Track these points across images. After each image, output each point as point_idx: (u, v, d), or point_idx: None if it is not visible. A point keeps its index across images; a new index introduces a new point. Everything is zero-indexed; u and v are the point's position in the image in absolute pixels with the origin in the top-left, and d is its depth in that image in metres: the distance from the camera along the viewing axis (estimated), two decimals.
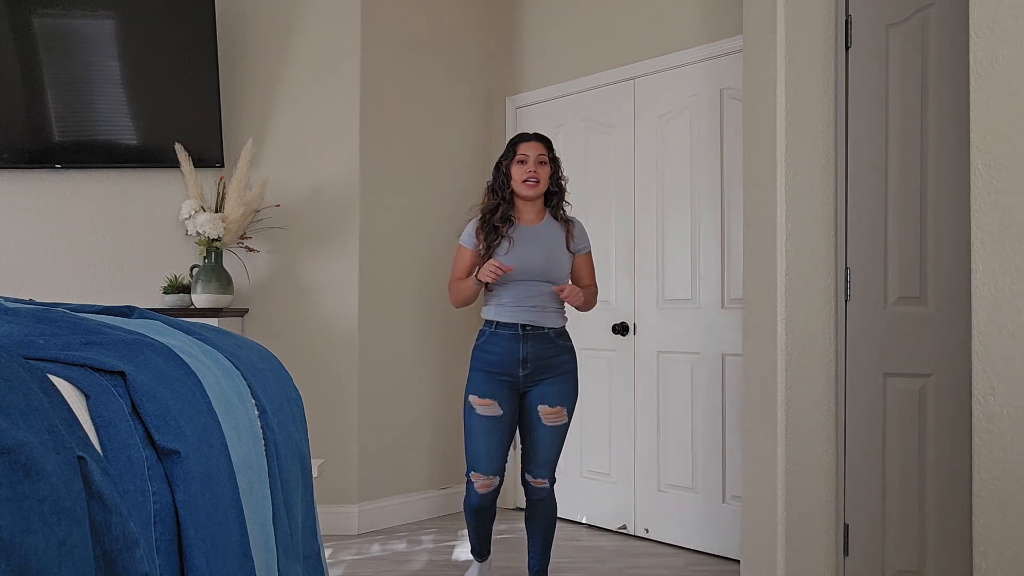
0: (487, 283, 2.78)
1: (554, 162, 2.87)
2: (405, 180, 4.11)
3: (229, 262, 3.77)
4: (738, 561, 3.35)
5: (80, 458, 0.85)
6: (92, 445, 0.90)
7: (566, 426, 2.82)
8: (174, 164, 3.71)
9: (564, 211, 2.90)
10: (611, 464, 3.93)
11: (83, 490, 0.84)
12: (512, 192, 2.83)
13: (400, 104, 4.08)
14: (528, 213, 2.86)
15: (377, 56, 3.99)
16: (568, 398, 2.81)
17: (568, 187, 2.97)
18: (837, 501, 2.66)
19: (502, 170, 2.84)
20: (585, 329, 3.92)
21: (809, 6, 2.70)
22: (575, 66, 4.16)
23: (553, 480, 2.85)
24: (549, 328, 2.79)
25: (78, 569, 0.80)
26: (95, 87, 3.76)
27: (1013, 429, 1.97)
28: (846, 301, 2.66)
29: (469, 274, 2.87)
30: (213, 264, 3.62)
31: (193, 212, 3.58)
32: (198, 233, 3.55)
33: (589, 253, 2.94)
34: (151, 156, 3.81)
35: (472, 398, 2.77)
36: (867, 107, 2.62)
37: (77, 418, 0.91)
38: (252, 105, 3.92)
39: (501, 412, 2.75)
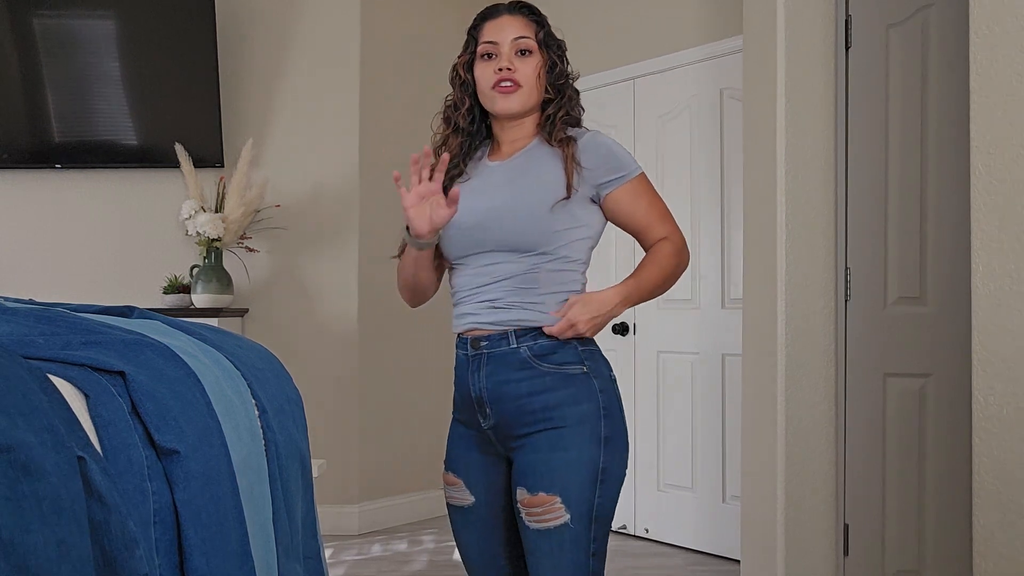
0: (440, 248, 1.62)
1: (549, 47, 1.66)
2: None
3: (229, 262, 3.77)
4: (738, 561, 3.34)
5: (80, 458, 0.85)
6: (92, 445, 0.90)
7: (573, 533, 1.44)
8: (174, 164, 3.71)
9: (566, 130, 1.61)
10: None
11: (82, 490, 0.84)
12: (482, 112, 1.65)
13: (400, 104, 4.08)
14: (509, 143, 1.64)
15: (377, 56, 3.99)
16: (565, 475, 1.46)
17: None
18: (837, 501, 2.65)
19: (460, 76, 1.65)
20: None
21: (809, 6, 2.70)
22: (574, 66, 4.15)
23: None
24: (521, 336, 1.54)
25: (77, 569, 0.80)
26: (95, 87, 3.76)
27: (1013, 429, 1.97)
28: (846, 301, 2.66)
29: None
30: (213, 264, 3.62)
31: (193, 212, 3.59)
32: (198, 233, 3.56)
33: (637, 179, 1.57)
34: (151, 156, 3.81)
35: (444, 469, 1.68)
36: (867, 107, 2.62)
37: (77, 418, 0.91)
38: (252, 105, 3.92)
39: (471, 500, 1.61)
